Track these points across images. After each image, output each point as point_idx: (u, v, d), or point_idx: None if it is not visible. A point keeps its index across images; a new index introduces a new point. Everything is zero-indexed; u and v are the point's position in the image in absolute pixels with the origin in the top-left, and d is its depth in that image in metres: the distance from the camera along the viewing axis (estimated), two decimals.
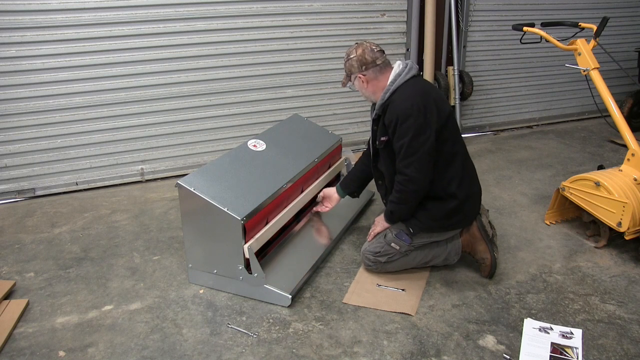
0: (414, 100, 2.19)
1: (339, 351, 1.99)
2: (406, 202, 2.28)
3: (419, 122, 2.17)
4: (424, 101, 2.20)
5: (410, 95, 2.22)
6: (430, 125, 2.18)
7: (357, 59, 2.34)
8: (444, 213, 2.31)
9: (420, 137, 2.17)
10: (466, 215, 2.38)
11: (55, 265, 2.64)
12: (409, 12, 4.16)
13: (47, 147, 3.48)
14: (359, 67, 2.34)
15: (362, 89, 2.40)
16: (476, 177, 2.44)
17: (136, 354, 1.99)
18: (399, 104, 2.22)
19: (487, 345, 2.01)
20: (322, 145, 2.92)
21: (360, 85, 2.38)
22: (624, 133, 2.71)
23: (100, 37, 3.37)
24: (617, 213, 2.53)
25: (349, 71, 2.39)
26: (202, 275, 2.39)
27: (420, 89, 2.26)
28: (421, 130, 2.17)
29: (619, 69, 4.02)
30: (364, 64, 2.32)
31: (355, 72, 2.35)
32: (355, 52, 2.35)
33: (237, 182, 2.35)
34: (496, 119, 4.82)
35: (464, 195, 2.30)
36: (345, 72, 2.42)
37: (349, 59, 2.37)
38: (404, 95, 2.23)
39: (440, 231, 2.38)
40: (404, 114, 2.18)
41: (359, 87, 2.41)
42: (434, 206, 2.31)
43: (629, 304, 2.25)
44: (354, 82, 2.40)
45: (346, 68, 2.40)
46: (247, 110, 3.92)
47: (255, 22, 3.72)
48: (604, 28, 2.87)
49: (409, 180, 2.21)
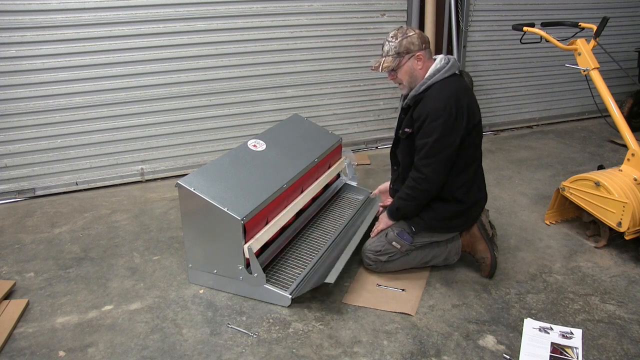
0: (447, 101, 2.14)
1: (339, 351, 1.99)
2: (415, 200, 2.28)
3: (448, 125, 2.13)
4: (456, 105, 2.15)
5: (444, 96, 2.16)
6: (458, 130, 2.15)
7: (419, 36, 2.23)
8: (448, 215, 2.31)
9: (445, 140, 2.14)
10: (469, 218, 2.39)
11: (55, 265, 2.64)
12: (409, 12, 4.15)
13: (47, 147, 3.48)
14: (419, 45, 2.21)
15: (412, 71, 2.24)
16: (484, 184, 2.44)
17: (136, 354, 1.99)
18: (432, 101, 2.17)
19: (487, 345, 2.01)
20: (322, 145, 2.92)
21: (414, 66, 2.23)
22: (624, 133, 2.71)
23: (100, 37, 3.37)
24: (617, 213, 2.53)
25: (405, 50, 2.21)
26: (202, 275, 2.39)
27: (455, 91, 2.19)
28: (448, 133, 2.14)
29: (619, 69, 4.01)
30: (425, 41, 2.24)
31: (416, 49, 2.21)
32: (412, 31, 2.24)
33: (237, 182, 2.35)
34: (496, 119, 4.83)
35: (470, 202, 2.32)
36: (397, 53, 2.22)
37: (407, 36, 2.21)
38: (439, 94, 2.17)
39: (442, 232, 2.39)
40: (434, 113, 2.13)
41: (408, 70, 2.24)
42: (439, 207, 2.32)
43: (629, 304, 2.25)
44: (406, 62, 2.23)
45: (401, 47, 2.21)
46: (247, 110, 3.92)
47: (255, 22, 3.72)
48: (604, 28, 2.87)
49: (424, 180, 2.20)
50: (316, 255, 2.52)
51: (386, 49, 2.27)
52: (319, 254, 2.53)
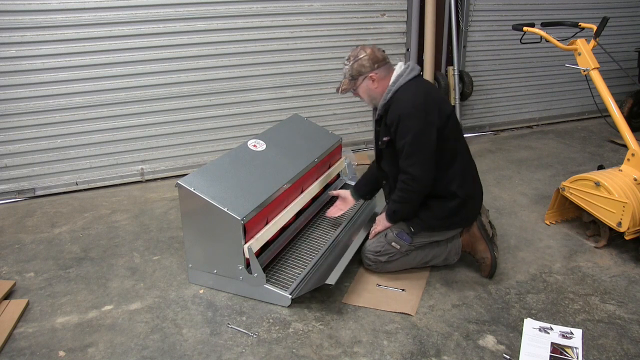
0: (415, 100, 2.20)
1: (339, 351, 1.99)
2: (409, 201, 2.29)
3: (421, 122, 2.17)
4: (425, 101, 2.20)
5: (411, 95, 2.22)
6: (432, 124, 2.19)
7: (369, 58, 2.29)
8: (446, 212, 2.31)
9: (422, 136, 2.18)
10: (468, 214, 2.39)
11: (55, 265, 2.64)
12: (409, 12, 4.16)
13: (47, 147, 3.48)
14: (371, 66, 2.28)
15: (369, 91, 2.33)
16: (478, 177, 2.44)
17: (136, 354, 1.99)
18: (401, 103, 2.22)
19: (487, 345, 2.01)
20: (322, 145, 2.91)
21: (369, 86, 2.32)
22: (624, 133, 2.71)
23: (100, 37, 3.37)
24: (617, 213, 2.53)
25: (357, 72, 2.30)
26: (202, 275, 2.39)
27: (421, 89, 2.26)
28: (423, 129, 2.17)
29: (619, 69, 4.01)
30: (377, 61, 2.29)
31: (367, 71, 2.29)
32: (364, 52, 2.30)
33: (237, 182, 2.35)
34: (496, 119, 4.82)
35: (466, 194, 2.31)
36: (351, 76, 2.33)
37: (359, 59, 2.29)
38: (406, 95, 2.23)
39: (441, 230, 2.39)
40: (405, 113, 2.19)
41: (365, 90, 2.34)
42: (435, 205, 2.32)
43: (629, 304, 2.25)
44: (362, 84, 2.32)
45: (353, 70, 2.31)
46: (247, 110, 3.92)
47: (255, 22, 3.72)
48: (604, 28, 2.86)
49: (413, 179, 2.22)
50: (316, 255, 2.52)
51: (344, 71, 2.37)
52: (319, 254, 2.53)
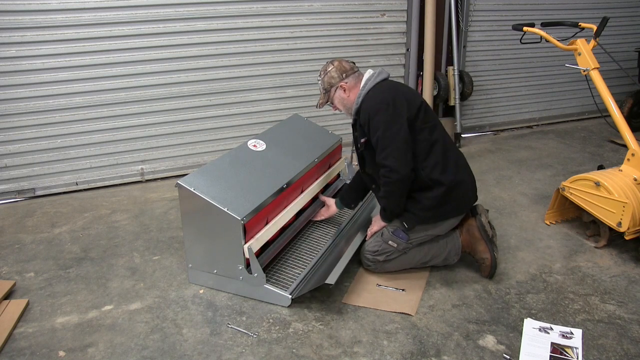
0: (381, 96, 2.32)
1: (339, 351, 1.99)
2: (393, 194, 2.31)
3: (389, 114, 2.26)
4: (391, 95, 2.31)
5: (378, 93, 2.34)
6: (401, 115, 2.26)
7: (336, 69, 2.44)
8: (434, 201, 2.31)
9: (393, 128, 2.25)
10: (458, 202, 2.38)
11: (55, 265, 2.64)
12: (409, 12, 4.16)
13: (47, 147, 3.48)
14: (339, 76, 2.43)
15: (343, 101, 2.46)
16: (463, 165, 2.43)
17: (136, 354, 1.99)
18: (369, 102, 2.34)
19: (487, 345, 2.01)
20: (322, 145, 2.92)
21: (341, 96, 2.44)
22: (624, 133, 2.71)
23: (100, 37, 3.37)
24: (617, 213, 2.53)
25: (328, 85, 2.45)
26: (202, 275, 2.39)
27: (387, 86, 2.38)
28: (392, 121, 2.25)
29: (619, 69, 4.02)
30: (344, 71, 2.45)
31: (336, 82, 2.43)
32: (331, 65, 2.46)
33: (237, 182, 2.35)
34: (496, 119, 4.82)
35: (450, 181, 2.30)
36: (324, 89, 2.48)
37: (327, 72, 2.45)
38: (373, 95, 2.36)
39: (435, 222, 2.38)
40: (373, 109, 2.29)
41: (339, 100, 2.47)
42: (422, 196, 2.33)
43: (629, 304, 2.25)
44: (335, 95, 2.46)
45: (324, 84, 2.46)
46: (247, 110, 3.92)
47: (255, 22, 3.72)
48: (604, 28, 2.86)
49: (390, 171, 2.25)
50: (316, 255, 2.52)
51: (319, 87, 2.52)
52: (319, 254, 2.53)
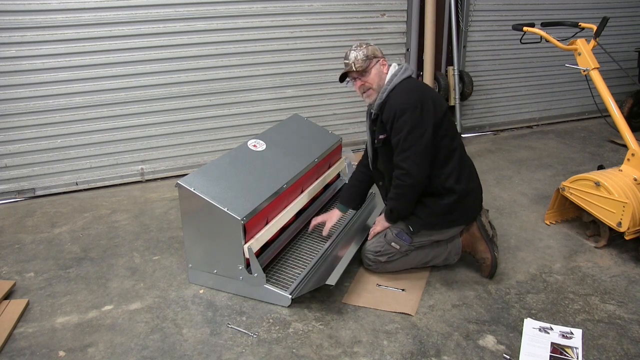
0: (410, 96, 2.24)
1: (339, 351, 1.99)
2: (404, 198, 2.29)
3: (415, 117, 2.20)
4: (420, 97, 2.24)
5: (406, 92, 2.26)
6: (427, 120, 2.22)
7: (375, 48, 2.38)
8: (443, 208, 2.31)
9: (417, 131, 2.20)
10: (466, 211, 2.38)
11: (55, 265, 2.64)
12: (409, 12, 4.16)
13: (47, 147, 3.48)
14: (381, 53, 2.39)
15: (380, 75, 2.34)
16: (475, 174, 2.44)
17: (136, 354, 1.99)
18: (396, 100, 2.26)
19: (487, 345, 2.01)
20: (322, 145, 2.91)
21: (382, 70, 2.34)
22: (624, 133, 2.71)
23: (100, 37, 3.37)
24: (617, 213, 2.53)
25: (372, 54, 2.33)
26: (202, 275, 2.39)
27: (416, 87, 2.32)
28: (417, 124, 2.20)
29: (619, 69, 4.02)
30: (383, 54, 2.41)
31: (380, 55, 2.37)
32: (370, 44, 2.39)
33: (237, 182, 2.35)
34: (496, 119, 4.83)
35: (463, 190, 2.31)
36: (365, 56, 2.31)
37: (371, 45, 2.37)
38: (401, 92, 2.27)
39: (440, 228, 2.38)
40: (400, 109, 2.22)
41: (377, 74, 2.33)
42: (433, 202, 2.32)
43: (629, 304, 2.25)
44: (374, 67, 2.33)
45: (369, 51, 2.33)
46: (247, 110, 3.92)
47: (255, 22, 3.72)
48: (604, 28, 2.86)
49: (406, 174, 2.22)
50: (316, 255, 2.52)
51: (353, 55, 2.33)
52: (319, 254, 2.53)
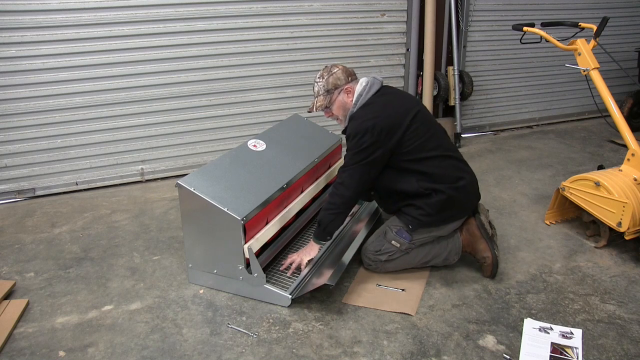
0: (363, 124, 2.26)
1: (339, 351, 1.99)
2: (333, 207, 2.31)
3: (362, 142, 2.25)
4: (374, 121, 2.26)
5: (363, 115, 2.31)
6: (377, 145, 2.25)
7: (342, 71, 2.41)
8: (435, 207, 2.31)
9: (361, 154, 2.27)
10: (462, 204, 2.39)
11: (55, 265, 2.64)
12: (409, 12, 4.16)
13: (47, 147, 3.48)
14: (345, 79, 2.41)
15: (344, 105, 2.41)
16: (465, 170, 2.43)
17: (136, 354, 1.99)
18: (353, 124, 2.32)
19: (487, 345, 2.01)
20: (322, 145, 2.91)
21: (344, 100, 2.40)
22: (624, 133, 2.71)
23: (100, 37, 3.37)
24: (617, 213, 2.53)
25: (333, 86, 2.39)
26: (202, 275, 2.39)
27: (375, 108, 2.32)
28: (365, 149, 2.26)
29: (619, 69, 4.02)
30: (349, 74, 2.45)
31: (342, 84, 2.40)
32: (336, 67, 2.42)
33: (237, 182, 2.35)
34: (496, 119, 4.82)
35: (450, 189, 2.31)
36: (326, 90, 2.40)
37: (332, 73, 2.40)
38: (359, 117, 2.32)
39: (438, 225, 2.38)
40: (353, 132, 2.29)
41: (341, 104, 2.41)
42: (423, 203, 2.32)
43: (629, 304, 2.25)
44: (337, 98, 2.40)
45: (329, 84, 2.40)
46: (247, 110, 3.92)
47: (255, 22, 3.72)
48: (604, 28, 2.86)
49: (340, 184, 2.30)
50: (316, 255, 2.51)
51: (316, 89, 2.45)
52: (319, 254, 2.52)
